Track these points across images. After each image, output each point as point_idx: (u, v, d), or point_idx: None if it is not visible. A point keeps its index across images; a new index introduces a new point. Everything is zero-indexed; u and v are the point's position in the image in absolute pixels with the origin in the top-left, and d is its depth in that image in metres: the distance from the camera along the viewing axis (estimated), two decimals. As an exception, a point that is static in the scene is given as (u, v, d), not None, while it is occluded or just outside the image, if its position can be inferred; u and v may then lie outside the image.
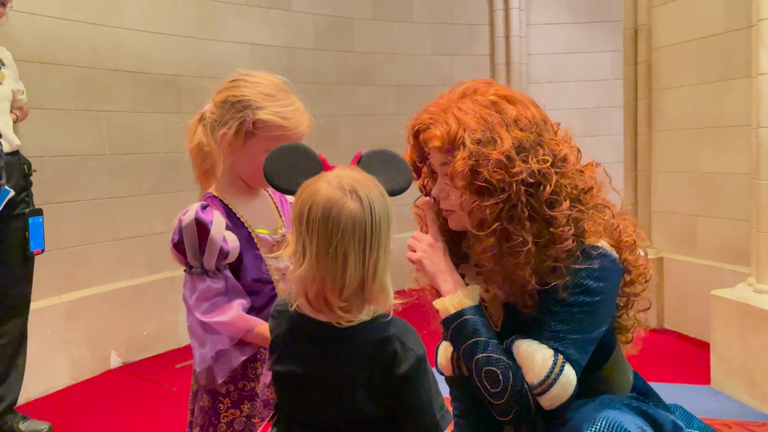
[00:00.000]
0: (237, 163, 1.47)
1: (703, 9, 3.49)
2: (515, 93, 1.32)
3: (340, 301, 1.02)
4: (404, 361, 1.02)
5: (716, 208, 3.53)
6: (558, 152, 1.26)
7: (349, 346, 1.04)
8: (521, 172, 1.20)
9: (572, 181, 1.26)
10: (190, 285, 1.41)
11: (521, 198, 1.21)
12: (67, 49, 3.43)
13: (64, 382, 3.37)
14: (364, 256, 0.99)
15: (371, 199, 1.00)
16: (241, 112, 1.42)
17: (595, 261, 1.24)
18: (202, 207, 1.41)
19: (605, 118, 5.73)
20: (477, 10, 5.59)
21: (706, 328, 3.29)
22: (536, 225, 1.23)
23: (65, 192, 3.43)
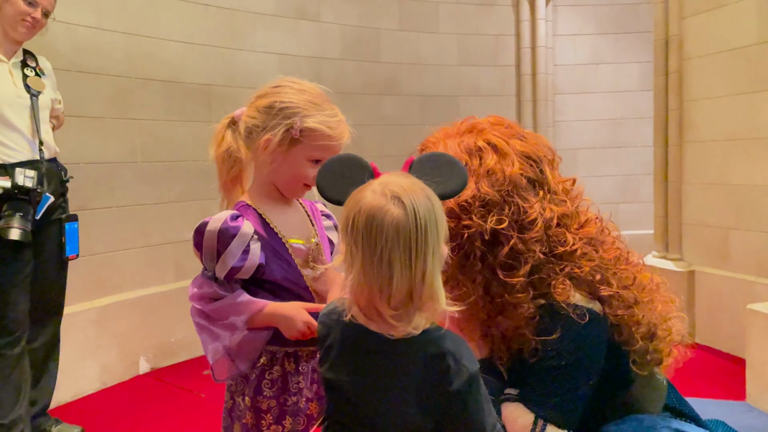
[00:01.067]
0: (276, 172, 1.42)
1: (736, 20, 3.46)
2: (516, 143, 1.27)
3: (390, 309, 1.01)
4: (457, 378, 1.00)
5: (750, 220, 3.47)
6: (528, 215, 1.21)
7: (402, 359, 1.03)
8: (472, 227, 1.19)
9: (539, 247, 1.21)
10: (198, 282, 1.39)
11: (475, 251, 1.20)
12: (102, 58, 3.49)
13: (95, 386, 3.40)
14: (410, 263, 0.98)
15: (415, 204, 0.98)
16: (288, 118, 1.38)
17: (560, 327, 1.19)
18: (232, 217, 1.37)
19: (632, 129, 5.68)
20: (503, 21, 5.60)
21: (739, 342, 3.23)
22: (493, 287, 1.21)
23: (97, 198, 3.48)
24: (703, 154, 3.78)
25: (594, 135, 5.60)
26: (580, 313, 1.20)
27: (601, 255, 1.27)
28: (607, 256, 1.28)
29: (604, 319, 1.24)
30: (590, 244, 1.27)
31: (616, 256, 1.29)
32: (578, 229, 1.27)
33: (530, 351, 1.21)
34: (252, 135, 1.43)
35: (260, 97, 1.45)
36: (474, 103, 5.42)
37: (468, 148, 1.25)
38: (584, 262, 1.24)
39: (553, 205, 1.26)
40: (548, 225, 1.23)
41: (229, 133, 1.48)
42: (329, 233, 1.55)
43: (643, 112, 5.53)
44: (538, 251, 1.20)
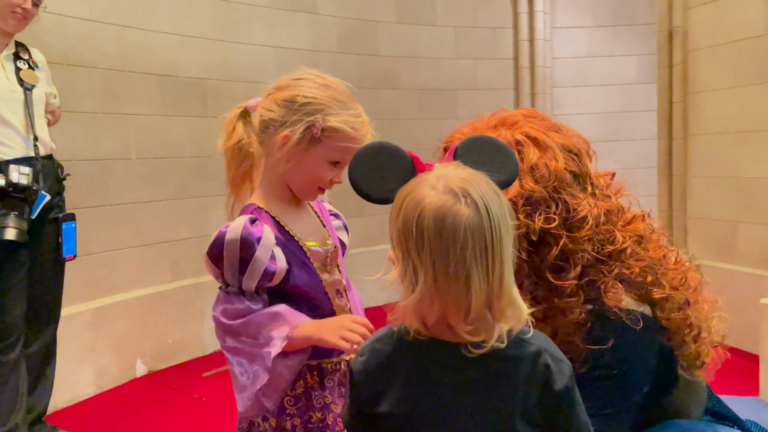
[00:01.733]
0: (292, 171, 1.30)
1: (742, 11, 3.41)
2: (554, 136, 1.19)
3: (466, 324, 0.87)
4: (560, 374, 0.90)
5: (757, 213, 3.44)
6: (578, 212, 1.13)
7: (490, 368, 0.89)
8: (520, 227, 1.09)
9: (590, 246, 1.13)
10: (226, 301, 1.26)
11: (520, 254, 1.09)
12: (95, 51, 3.37)
13: (90, 391, 3.30)
14: (488, 270, 0.84)
15: (486, 201, 0.84)
16: (310, 115, 1.26)
17: (612, 334, 1.12)
18: (251, 221, 1.26)
19: (630, 122, 5.65)
20: (501, 14, 5.53)
21: (747, 337, 3.20)
22: (541, 291, 1.13)
23: (91, 197, 3.37)
24: (708, 147, 3.74)
25: (592, 128, 5.54)
26: (634, 318, 1.12)
27: (650, 254, 1.19)
28: (655, 255, 1.20)
29: (656, 323, 1.17)
30: (639, 242, 1.19)
31: (664, 255, 1.22)
32: (625, 226, 1.20)
33: (580, 361, 1.13)
34: (268, 129, 1.30)
35: (279, 89, 1.31)
36: (472, 96, 5.36)
37: (507, 142, 1.14)
38: (633, 262, 1.16)
39: (599, 201, 1.18)
40: (596, 222, 1.15)
41: (241, 125, 1.35)
42: (339, 234, 1.46)
43: (642, 105, 5.51)
44: (588, 251, 1.12)
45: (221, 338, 1.28)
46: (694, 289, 1.24)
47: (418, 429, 0.93)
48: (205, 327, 3.90)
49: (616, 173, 1.30)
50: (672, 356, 1.22)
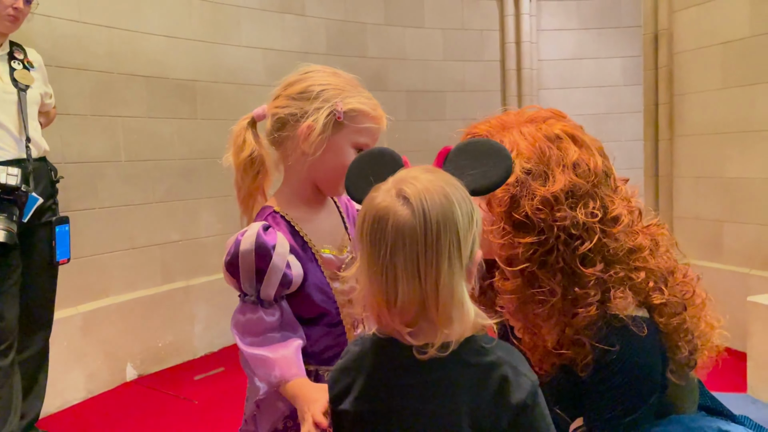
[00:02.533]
0: (318, 164, 1.26)
1: (727, 13, 3.47)
2: (585, 136, 1.21)
3: (403, 325, 0.87)
4: (518, 388, 0.87)
5: (743, 213, 3.50)
6: (611, 210, 1.15)
7: (448, 373, 0.88)
8: (565, 218, 1.11)
9: (616, 244, 1.14)
10: (239, 313, 1.25)
11: (558, 246, 1.11)
12: (84, 52, 3.34)
13: (80, 395, 3.26)
14: (419, 273, 0.84)
15: (426, 204, 0.84)
16: (329, 101, 1.24)
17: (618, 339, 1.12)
18: (264, 228, 1.23)
19: (616, 123, 5.71)
20: (488, 16, 5.56)
21: (735, 334, 3.23)
22: (565, 280, 1.13)
23: (81, 199, 3.34)
24: (694, 148, 3.80)
25: (578, 130, 5.60)
26: (638, 325, 1.14)
27: (658, 262, 1.21)
28: (664, 265, 1.22)
29: (656, 326, 1.19)
30: (654, 248, 1.21)
31: (672, 267, 1.23)
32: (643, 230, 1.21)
33: (583, 365, 1.13)
34: (286, 127, 1.27)
35: (290, 86, 1.29)
36: (460, 98, 5.39)
37: (548, 135, 1.16)
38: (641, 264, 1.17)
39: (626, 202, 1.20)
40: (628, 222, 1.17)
41: (250, 135, 1.31)
42: None
43: (628, 107, 5.58)
44: (614, 248, 1.14)
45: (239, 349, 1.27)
46: (699, 306, 1.26)
47: (373, 428, 0.93)
48: (196, 330, 3.88)
49: (629, 179, 1.32)
50: (664, 359, 1.24)
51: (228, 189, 4.54)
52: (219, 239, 3.98)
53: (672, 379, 1.26)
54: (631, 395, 1.15)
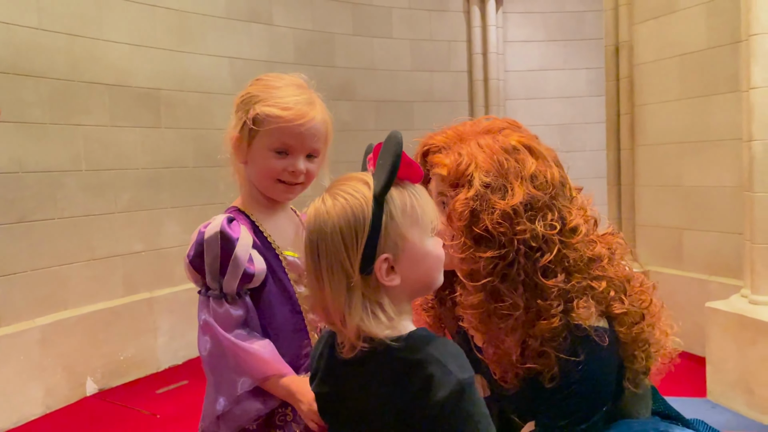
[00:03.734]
0: (250, 171, 1.29)
1: (684, 26, 3.56)
2: (541, 146, 1.20)
3: (330, 324, 0.94)
4: (442, 387, 0.87)
5: (702, 221, 3.58)
6: (569, 221, 1.15)
7: (373, 368, 0.92)
8: (525, 231, 1.10)
9: (576, 254, 1.15)
10: (207, 308, 1.24)
11: (519, 259, 1.11)
12: (43, 60, 3.28)
13: (38, 411, 3.17)
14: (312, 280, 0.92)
15: (310, 219, 0.92)
16: (244, 109, 1.26)
17: (582, 349, 1.13)
18: (228, 220, 1.24)
19: (581, 133, 5.81)
20: (455, 27, 5.63)
21: (695, 340, 3.31)
22: (527, 293, 1.13)
23: (39, 210, 3.26)
24: (654, 157, 3.87)
25: (545, 140, 5.64)
26: (600, 335, 1.14)
27: (616, 271, 1.22)
28: (621, 273, 1.23)
29: (616, 336, 1.20)
30: (611, 256, 1.22)
31: (628, 275, 1.25)
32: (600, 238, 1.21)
33: (550, 376, 1.13)
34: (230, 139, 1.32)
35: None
36: (428, 108, 5.42)
37: (505, 147, 1.14)
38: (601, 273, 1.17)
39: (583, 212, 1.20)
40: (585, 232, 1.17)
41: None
42: None
43: (592, 117, 5.68)
44: (574, 258, 1.14)
45: (202, 343, 1.25)
46: (655, 314, 1.28)
47: (331, 408, 1.01)
48: (160, 342, 3.81)
49: (582, 188, 1.33)
50: (621, 368, 1.25)
51: (193, 198, 4.54)
52: (183, 249, 3.89)
53: (629, 387, 1.27)
54: (587, 404, 1.16)
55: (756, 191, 2.74)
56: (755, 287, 2.78)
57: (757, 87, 2.69)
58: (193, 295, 1.31)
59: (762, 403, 2.71)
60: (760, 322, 2.69)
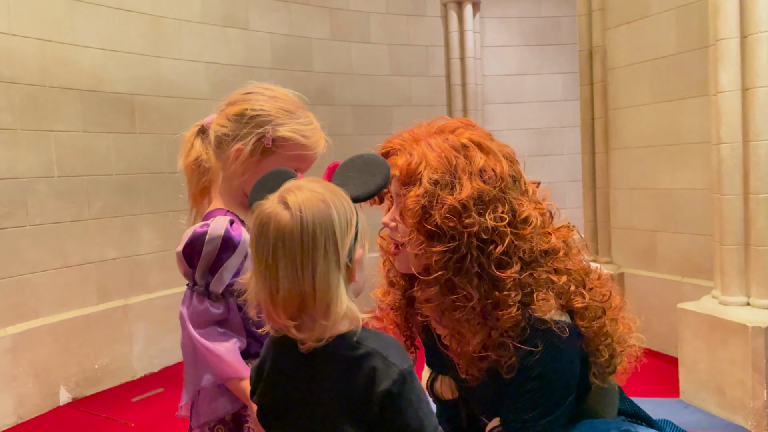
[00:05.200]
0: (247, 183, 1.31)
1: (656, 31, 3.61)
2: (492, 143, 1.25)
3: (288, 319, 0.95)
4: (385, 378, 0.93)
5: (675, 223, 3.62)
6: (519, 213, 1.18)
7: (323, 367, 0.97)
8: (474, 225, 1.14)
9: (530, 245, 1.18)
10: (188, 301, 1.29)
11: (472, 251, 1.14)
12: (13, 65, 3.24)
13: (10, 421, 3.12)
14: (296, 269, 0.92)
15: (303, 208, 0.93)
16: (260, 127, 1.31)
17: (541, 340, 1.16)
18: (230, 222, 1.28)
19: (557, 137, 5.86)
20: (433, 32, 5.65)
21: (668, 341, 3.35)
22: (484, 285, 1.16)
23: (10, 217, 3.22)
24: (628, 161, 3.92)
25: (522, 144, 5.72)
26: (561, 328, 1.16)
27: (574, 264, 1.24)
28: (578, 267, 1.25)
29: (577, 330, 1.21)
30: (567, 249, 1.24)
31: (586, 269, 1.27)
32: (554, 232, 1.24)
33: (508, 366, 1.15)
34: (222, 145, 1.35)
35: (231, 105, 1.37)
36: (407, 112, 5.43)
37: (454, 145, 1.19)
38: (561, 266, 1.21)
39: (535, 204, 1.23)
40: (537, 224, 1.20)
41: (198, 142, 1.39)
42: None
43: (568, 122, 5.74)
44: (528, 249, 1.17)
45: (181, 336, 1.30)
46: (616, 308, 1.29)
47: (274, 418, 1.03)
48: (135, 350, 3.77)
49: (540, 183, 1.35)
50: (587, 363, 1.26)
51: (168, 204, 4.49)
52: (159, 256, 3.89)
53: (596, 382, 1.28)
54: (550, 398, 1.18)
55: (724, 193, 2.79)
56: (725, 288, 2.82)
57: (725, 91, 2.74)
58: (169, 302, 1.35)
59: (733, 403, 2.75)
60: (730, 322, 2.73)
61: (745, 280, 2.77)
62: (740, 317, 2.71)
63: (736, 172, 2.76)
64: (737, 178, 2.76)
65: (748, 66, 2.68)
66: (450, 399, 1.39)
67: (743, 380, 2.69)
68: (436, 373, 1.40)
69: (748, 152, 2.73)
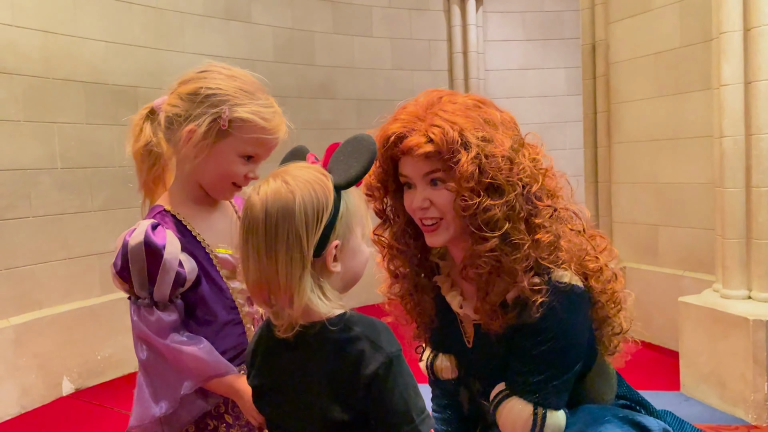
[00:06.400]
0: (201, 168, 1.25)
1: (659, 24, 3.61)
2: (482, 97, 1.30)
3: (264, 305, 0.98)
4: (372, 360, 0.94)
5: (676, 217, 3.62)
6: (536, 153, 1.24)
7: (310, 350, 0.98)
8: (525, 170, 1.18)
9: (551, 181, 1.25)
10: (138, 316, 1.23)
11: (519, 197, 1.19)
12: (17, 57, 3.25)
13: (14, 411, 3.14)
14: (261, 259, 0.93)
15: (269, 199, 0.93)
16: (215, 107, 1.21)
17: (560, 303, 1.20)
18: (152, 226, 1.21)
19: (560, 132, 5.86)
20: (435, 26, 5.64)
21: (670, 335, 3.36)
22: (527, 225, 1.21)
23: (13, 208, 3.23)
24: (630, 155, 3.92)
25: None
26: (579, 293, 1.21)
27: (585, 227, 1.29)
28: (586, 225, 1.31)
29: (590, 296, 1.25)
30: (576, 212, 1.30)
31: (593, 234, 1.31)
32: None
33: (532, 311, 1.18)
34: (173, 126, 1.24)
35: (184, 83, 1.26)
36: (409, 107, 5.43)
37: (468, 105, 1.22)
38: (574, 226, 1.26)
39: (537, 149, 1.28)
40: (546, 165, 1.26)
41: (148, 126, 1.28)
42: None
43: (570, 116, 5.73)
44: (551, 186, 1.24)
45: (139, 349, 1.25)
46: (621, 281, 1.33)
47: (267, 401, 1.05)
48: (137, 341, 3.78)
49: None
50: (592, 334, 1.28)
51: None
52: (162, 248, 3.90)
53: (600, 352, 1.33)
54: (560, 361, 1.21)
55: (726, 187, 2.79)
56: (726, 282, 2.83)
57: (728, 84, 2.74)
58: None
59: (733, 396, 2.75)
60: (731, 315, 2.74)
61: (747, 274, 2.78)
62: (741, 310, 2.72)
63: (738, 165, 2.76)
64: (739, 172, 2.76)
65: (751, 59, 2.68)
66: (450, 378, 1.40)
67: (744, 373, 2.69)
68: (437, 352, 1.42)
69: (751, 146, 2.72)
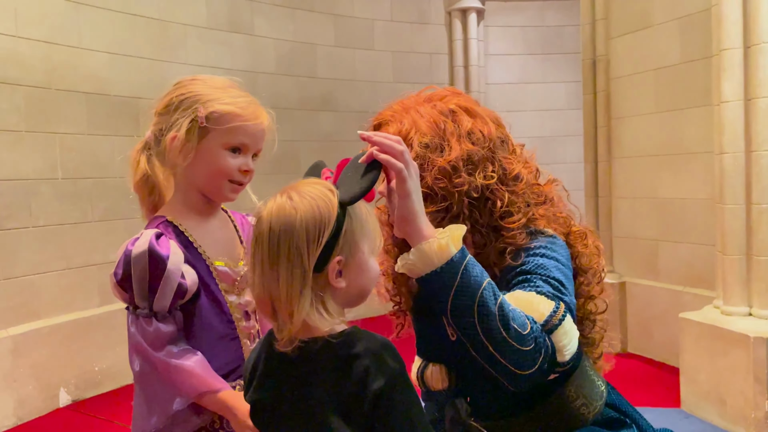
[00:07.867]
0: (192, 172, 1.25)
1: (659, 41, 3.62)
2: (479, 108, 1.31)
3: (268, 318, 0.98)
4: (378, 377, 0.93)
5: (677, 232, 3.62)
6: (510, 170, 1.23)
7: (313, 364, 0.97)
8: (464, 184, 1.19)
9: (524, 199, 1.24)
10: (135, 327, 1.21)
11: (463, 210, 1.20)
12: (19, 67, 3.27)
13: (10, 422, 3.12)
14: (264, 274, 0.95)
15: (273, 215, 0.94)
16: (189, 108, 1.23)
17: (543, 238, 1.23)
18: (156, 236, 1.20)
19: (561, 146, 5.87)
20: (437, 40, 5.68)
21: (670, 351, 3.35)
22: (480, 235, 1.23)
23: (13, 218, 3.23)
24: (630, 170, 3.92)
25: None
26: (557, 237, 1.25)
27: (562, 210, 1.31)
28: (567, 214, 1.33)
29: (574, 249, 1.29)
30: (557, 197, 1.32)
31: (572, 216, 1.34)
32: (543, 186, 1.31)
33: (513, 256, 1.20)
34: (160, 142, 1.26)
35: (159, 102, 1.30)
36: (409, 119, 5.45)
37: (442, 111, 1.24)
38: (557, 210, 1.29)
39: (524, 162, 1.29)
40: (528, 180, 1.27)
41: (144, 158, 1.30)
42: None
43: (571, 130, 5.74)
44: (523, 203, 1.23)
45: (134, 361, 1.22)
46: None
47: (265, 416, 1.03)
48: (136, 353, 3.77)
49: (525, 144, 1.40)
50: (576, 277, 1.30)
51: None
52: (161, 259, 3.90)
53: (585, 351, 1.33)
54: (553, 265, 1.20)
55: (727, 203, 2.79)
56: (727, 298, 2.82)
57: (728, 101, 2.75)
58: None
59: (733, 413, 2.74)
60: (732, 332, 2.73)
61: (747, 290, 2.77)
62: (742, 327, 2.71)
63: (738, 182, 2.76)
64: (740, 188, 2.76)
65: (751, 76, 2.69)
66: (440, 389, 1.39)
67: (744, 391, 2.68)
68: (427, 361, 1.41)
69: (751, 162, 2.73)
